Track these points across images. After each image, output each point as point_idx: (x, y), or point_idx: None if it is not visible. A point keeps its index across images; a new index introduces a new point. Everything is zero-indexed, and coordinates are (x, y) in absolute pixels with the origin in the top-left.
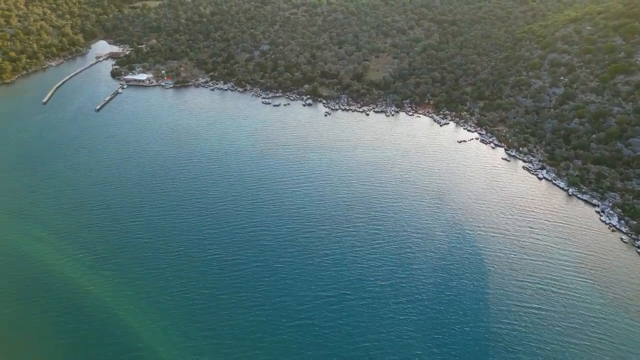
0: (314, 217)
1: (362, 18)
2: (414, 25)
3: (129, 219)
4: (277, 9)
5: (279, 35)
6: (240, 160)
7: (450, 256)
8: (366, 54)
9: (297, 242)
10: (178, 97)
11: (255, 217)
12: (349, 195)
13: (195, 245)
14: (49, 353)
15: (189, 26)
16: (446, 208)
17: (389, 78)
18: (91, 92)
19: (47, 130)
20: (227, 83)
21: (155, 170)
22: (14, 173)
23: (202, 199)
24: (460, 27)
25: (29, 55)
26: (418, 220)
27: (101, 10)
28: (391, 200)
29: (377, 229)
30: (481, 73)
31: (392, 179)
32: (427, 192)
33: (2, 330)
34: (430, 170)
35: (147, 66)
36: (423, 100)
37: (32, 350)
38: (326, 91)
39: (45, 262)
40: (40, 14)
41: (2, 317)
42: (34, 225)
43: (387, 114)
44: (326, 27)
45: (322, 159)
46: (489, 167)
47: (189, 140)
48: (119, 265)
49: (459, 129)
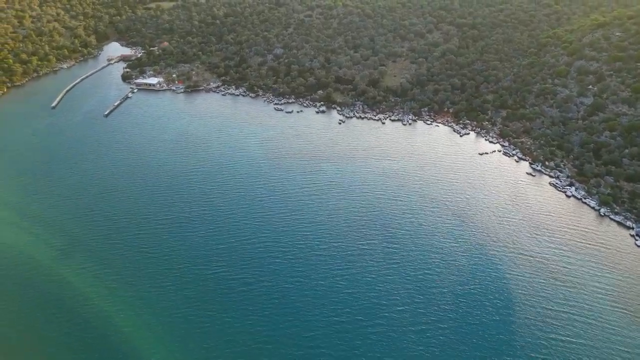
0: (326, 233)
1: (379, 21)
2: (432, 29)
3: (134, 231)
4: (291, 11)
5: (292, 38)
6: (250, 170)
7: (473, 280)
8: (382, 58)
9: (308, 260)
10: (189, 102)
11: (265, 231)
12: (364, 209)
13: (201, 261)
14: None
15: (202, 28)
16: (467, 226)
17: (406, 84)
18: (101, 96)
19: (55, 135)
20: (239, 88)
21: (162, 179)
22: (19, 179)
23: (210, 210)
24: (480, 30)
25: (41, 57)
26: (437, 239)
27: (115, 11)
28: (408, 216)
29: (394, 248)
30: (503, 80)
31: (409, 192)
32: (447, 208)
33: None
34: (449, 184)
35: (158, 69)
36: (442, 108)
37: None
38: (340, 98)
39: (47, 270)
40: (54, 14)
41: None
42: (37, 232)
43: (404, 123)
44: (341, 30)
45: (336, 170)
46: (512, 182)
47: (199, 148)
48: (121, 280)
49: (480, 139)
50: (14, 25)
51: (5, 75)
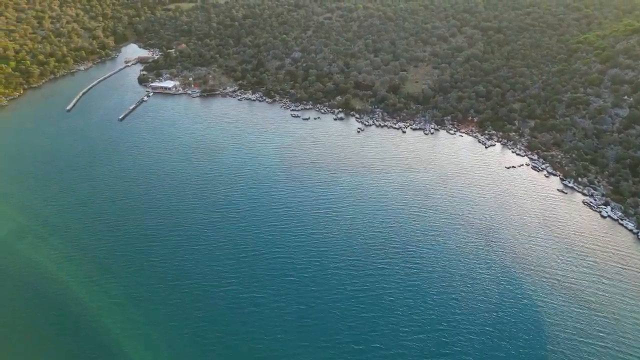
0: (343, 250)
1: (400, 24)
2: (455, 33)
3: (143, 241)
4: (310, 13)
5: (311, 41)
6: (265, 180)
7: (500, 307)
8: (404, 63)
9: (323, 279)
10: (204, 106)
11: (279, 245)
12: (382, 225)
13: (210, 277)
14: None
15: (220, 30)
16: (493, 247)
17: (429, 91)
18: (116, 100)
19: (69, 139)
20: (256, 93)
21: (174, 188)
22: (30, 183)
23: (222, 221)
24: (506, 35)
25: (58, 58)
26: (461, 260)
27: (134, 12)
28: (430, 233)
29: (414, 268)
30: (531, 88)
31: (431, 208)
32: (471, 227)
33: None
34: (474, 200)
35: (174, 73)
36: (466, 117)
37: None
38: (359, 104)
39: (51, 280)
40: (73, 15)
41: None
42: (44, 239)
43: (425, 132)
44: (361, 34)
45: (353, 181)
46: (542, 199)
47: (212, 155)
48: (127, 295)
49: (507, 151)
50: (33, 26)
51: (22, 76)
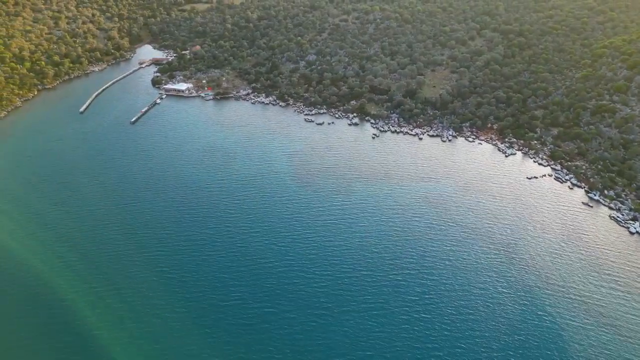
0: (355, 262)
1: (418, 26)
2: (475, 36)
3: (150, 249)
4: (326, 15)
5: (326, 44)
6: (277, 187)
7: (522, 329)
8: (421, 67)
9: (336, 293)
10: (217, 110)
11: (290, 255)
12: (398, 237)
13: (219, 288)
14: None
15: (234, 32)
16: (514, 263)
17: (447, 96)
18: (129, 102)
19: (80, 142)
20: (269, 96)
21: (184, 194)
22: (40, 186)
23: (232, 229)
24: (528, 38)
25: (73, 59)
26: (480, 276)
27: (150, 12)
28: (447, 246)
29: (431, 283)
30: (554, 94)
31: (449, 219)
32: (491, 241)
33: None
34: (494, 213)
35: (188, 75)
36: (485, 124)
37: None
38: (375, 109)
39: (56, 289)
40: (89, 16)
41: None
42: (51, 245)
43: (443, 139)
44: (378, 36)
45: (368, 190)
46: (566, 212)
47: (224, 161)
48: (131, 309)
49: (528, 161)
50: (49, 26)
51: (37, 77)
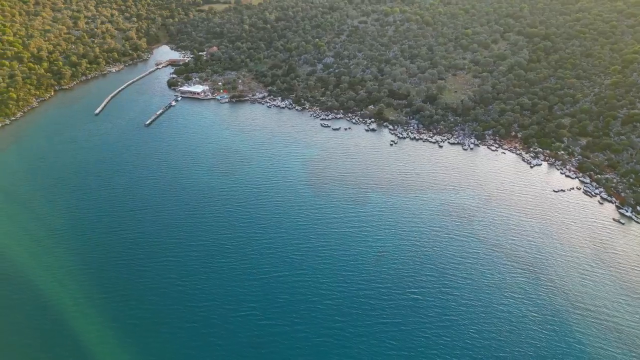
0: (371, 276)
1: (439, 29)
2: (498, 39)
3: (163, 257)
4: (345, 16)
5: (345, 46)
6: (291, 195)
7: (550, 355)
8: (442, 71)
9: (349, 308)
10: (232, 113)
11: (303, 268)
12: (416, 251)
13: (229, 301)
14: None
15: (252, 33)
16: (540, 282)
17: (468, 102)
18: (144, 104)
19: (94, 144)
20: (285, 100)
21: (197, 200)
22: (52, 189)
23: (245, 239)
24: (554, 42)
25: (90, 60)
26: (504, 296)
27: (168, 13)
28: (469, 262)
29: (451, 301)
30: (582, 101)
31: (471, 233)
32: (515, 257)
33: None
34: (519, 227)
35: (204, 77)
36: (509, 132)
37: None
38: (393, 115)
39: (62, 297)
40: (108, 16)
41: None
42: (58, 251)
43: (464, 147)
44: (397, 39)
45: (385, 200)
46: (596, 229)
47: (238, 166)
48: (140, 317)
49: (555, 172)
50: (68, 26)
51: (54, 77)
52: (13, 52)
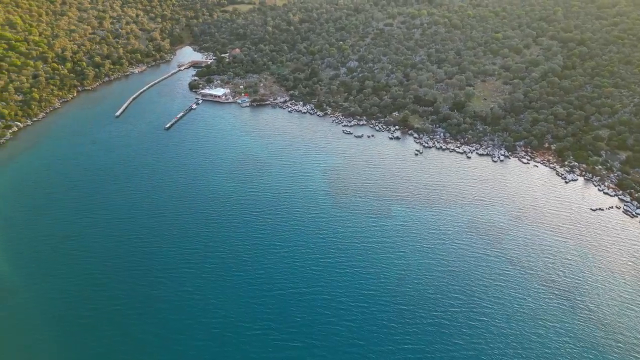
0: (393, 296)
1: (468, 32)
2: (530, 44)
3: (178, 267)
4: (370, 18)
5: (369, 49)
6: (310, 205)
7: None
8: (470, 77)
9: (369, 330)
10: (253, 117)
11: (321, 283)
12: (442, 271)
13: (244, 316)
14: None
15: (275, 34)
16: (578, 311)
17: (498, 110)
18: (165, 107)
19: (114, 147)
20: (307, 105)
21: (214, 207)
22: (70, 192)
23: (262, 250)
24: (590, 48)
25: (114, 60)
26: (539, 324)
27: (192, 13)
28: (499, 286)
29: (481, 327)
30: (621, 112)
31: (501, 253)
32: (551, 282)
33: None
34: (553, 248)
35: (225, 80)
36: (541, 143)
37: None
38: (419, 122)
39: (77, 306)
40: (133, 16)
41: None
42: (73, 258)
43: (494, 159)
44: (424, 42)
45: (409, 214)
46: (637, 253)
47: (256, 173)
48: (153, 330)
49: (592, 189)
50: (93, 26)
51: (77, 78)
52: (38, 52)
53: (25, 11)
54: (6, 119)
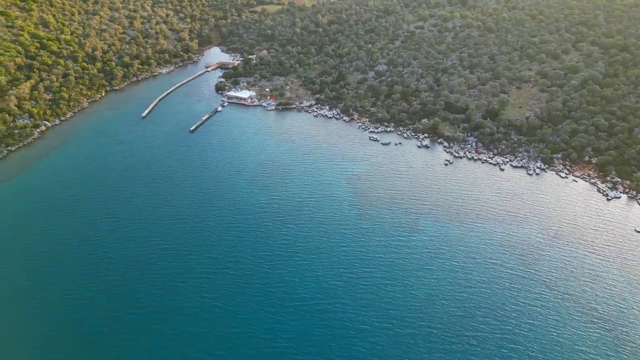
0: (420, 315)
1: (502, 36)
2: (569, 49)
3: (198, 274)
4: (401, 20)
5: (399, 53)
6: (334, 216)
7: None
8: (505, 83)
9: (395, 352)
10: (278, 121)
11: (344, 300)
12: (472, 291)
13: (265, 330)
14: None
15: (303, 36)
16: (624, 345)
17: (534, 120)
18: (191, 108)
19: (138, 148)
20: (333, 109)
21: (236, 213)
22: (92, 194)
23: (284, 260)
24: (634, 55)
25: (142, 61)
26: (577, 359)
27: (221, 14)
28: (535, 312)
29: (514, 356)
30: None
31: (536, 275)
32: (592, 311)
33: None
34: (594, 273)
35: (251, 82)
36: (581, 156)
37: None
38: (449, 130)
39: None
40: (163, 16)
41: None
42: (90, 263)
43: (529, 172)
44: (456, 46)
45: (437, 230)
46: None
47: (280, 180)
48: (169, 340)
49: (636, 207)
50: (124, 26)
51: (105, 78)
52: (69, 51)
53: (58, 10)
54: (35, 118)
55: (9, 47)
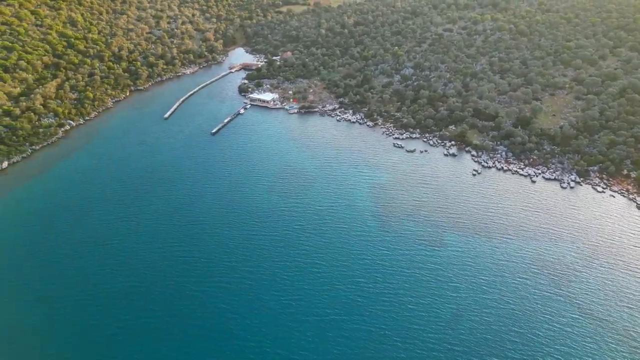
0: (445, 336)
1: (535, 40)
2: (607, 55)
3: (213, 283)
4: (429, 22)
5: (426, 56)
6: (355, 225)
7: None
8: (537, 90)
9: None
10: (300, 125)
11: (365, 316)
12: (500, 312)
13: (280, 344)
14: None
15: (328, 38)
16: None
17: (569, 129)
18: (213, 110)
19: (159, 150)
20: (357, 113)
21: (255, 220)
22: (112, 195)
23: (303, 272)
24: None
25: (167, 61)
26: None
27: (247, 14)
28: (567, 341)
29: None
30: None
31: (569, 299)
32: (631, 339)
33: None
34: (633, 297)
35: (275, 84)
36: (620, 170)
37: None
38: (478, 139)
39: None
40: (189, 16)
41: None
42: (111, 264)
43: (562, 185)
44: (486, 50)
45: (464, 244)
46: None
47: (301, 186)
48: (182, 354)
49: None
50: (150, 25)
51: (130, 78)
52: (95, 51)
53: (87, 9)
54: (60, 118)
55: (37, 45)
